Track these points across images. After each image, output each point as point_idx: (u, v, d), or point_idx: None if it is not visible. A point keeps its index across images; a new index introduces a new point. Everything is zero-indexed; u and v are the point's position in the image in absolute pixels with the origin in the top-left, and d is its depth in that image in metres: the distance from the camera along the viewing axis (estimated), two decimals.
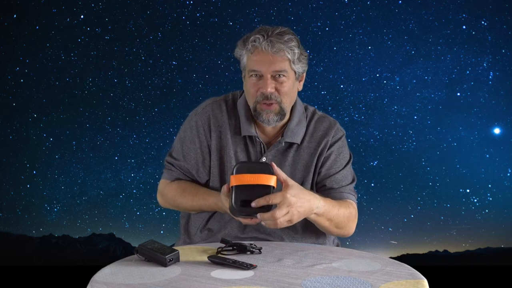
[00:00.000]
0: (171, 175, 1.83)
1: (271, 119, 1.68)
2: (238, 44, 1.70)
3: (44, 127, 6.03)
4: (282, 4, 5.76)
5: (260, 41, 1.62)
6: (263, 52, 1.62)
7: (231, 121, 1.78)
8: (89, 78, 6.00)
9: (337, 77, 5.83)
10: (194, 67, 6.04)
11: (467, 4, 5.48)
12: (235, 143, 1.77)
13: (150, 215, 6.16)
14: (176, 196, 1.79)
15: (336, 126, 1.82)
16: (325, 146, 1.78)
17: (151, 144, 6.15)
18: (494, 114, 5.57)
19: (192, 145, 1.79)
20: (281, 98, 1.67)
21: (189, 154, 1.80)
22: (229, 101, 1.82)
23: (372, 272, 1.29)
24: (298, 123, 1.78)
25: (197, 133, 1.79)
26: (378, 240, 5.83)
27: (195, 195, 1.74)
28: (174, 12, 5.88)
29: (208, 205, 1.72)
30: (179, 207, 1.82)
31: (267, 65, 1.63)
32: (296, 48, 1.65)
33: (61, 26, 5.85)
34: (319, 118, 1.82)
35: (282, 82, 1.66)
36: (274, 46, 1.61)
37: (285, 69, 1.65)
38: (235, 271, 1.30)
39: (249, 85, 1.69)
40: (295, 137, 1.76)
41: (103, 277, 1.27)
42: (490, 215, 5.62)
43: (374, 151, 5.89)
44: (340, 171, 1.79)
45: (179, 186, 1.79)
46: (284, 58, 1.64)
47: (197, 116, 1.80)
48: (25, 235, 6.17)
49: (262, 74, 1.65)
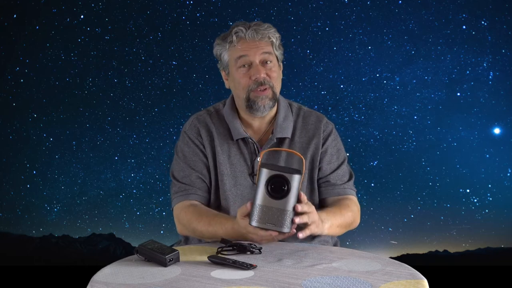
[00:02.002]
0: (186, 195, 1.77)
1: (266, 104, 1.73)
2: (217, 42, 1.77)
3: (44, 127, 6.03)
4: (282, 4, 5.76)
5: (244, 32, 1.70)
6: (249, 40, 1.71)
7: (219, 129, 1.81)
8: (89, 78, 6.00)
9: (337, 77, 5.83)
10: (194, 67, 6.04)
11: (467, 4, 5.48)
12: (228, 148, 1.79)
13: (150, 215, 6.16)
14: (192, 219, 1.70)
15: (325, 119, 1.87)
16: (319, 141, 1.81)
17: (151, 144, 6.15)
18: (494, 114, 5.57)
19: (195, 157, 1.80)
20: (272, 82, 1.73)
21: (196, 166, 1.79)
22: (212, 113, 1.86)
23: (372, 272, 1.29)
24: (285, 117, 1.82)
25: (195, 146, 1.80)
26: (378, 240, 5.83)
27: (212, 219, 1.66)
28: (174, 12, 5.88)
29: (225, 229, 1.60)
30: (195, 232, 1.71)
31: (255, 50, 1.70)
32: (277, 33, 1.76)
33: (61, 26, 5.85)
34: (305, 113, 1.87)
35: (271, 67, 1.73)
36: (259, 33, 1.70)
37: (271, 51, 1.73)
38: (235, 271, 1.30)
39: (238, 76, 1.72)
40: (284, 131, 1.79)
41: (103, 277, 1.27)
42: (490, 215, 5.62)
43: (374, 151, 5.89)
44: (340, 165, 1.84)
45: (195, 210, 1.72)
46: (268, 43, 1.73)
47: (187, 132, 1.83)
48: (25, 235, 6.17)
49: (251, 61, 1.70)
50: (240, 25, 1.71)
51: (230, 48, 1.73)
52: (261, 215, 1.38)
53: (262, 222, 1.38)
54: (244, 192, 1.78)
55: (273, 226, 1.38)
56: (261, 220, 1.38)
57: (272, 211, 1.37)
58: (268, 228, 1.38)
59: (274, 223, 1.38)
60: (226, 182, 1.78)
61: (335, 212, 1.68)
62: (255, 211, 1.38)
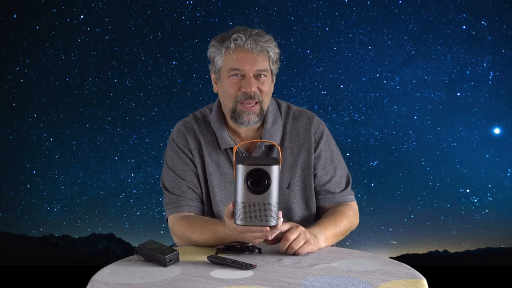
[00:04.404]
0: (178, 207, 1.72)
1: (252, 120, 1.66)
2: (214, 44, 1.68)
3: (44, 127, 6.02)
4: (282, 4, 5.75)
5: (243, 40, 1.61)
6: (247, 51, 1.61)
7: (206, 137, 1.76)
8: (89, 78, 5.99)
9: (337, 77, 5.82)
10: (194, 67, 6.03)
11: (467, 4, 5.48)
12: (217, 157, 1.74)
13: (150, 215, 6.15)
14: (185, 231, 1.66)
15: (315, 119, 1.78)
16: (310, 146, 1.75)
17: (151, 144, 6.14)
18: (494, 114, 5.57)
19: (185, 166, 1.75)
20: (262, 97, 1.66)
21: (186, 176, 1.75)
22: (199, 120, 1.79)
23: (371, 272, 1.29)
24: (273, 122, 1.75)
25: (184, 155, 1.75)
26: (378, 240, 5.83)
27: (204, 227, 1.61)
28: (174, 12, 5.88)
29: (217, 235, 1.56)
30: (192, 242, 1.65)
31: (251, 64, 1.62)
32: (277, 48, 1.67)
33: (61, 26, 5.85)
34: (295, 114, 1.79)
35: (264, 81, 1.65)
36: (259, 45, 1.61)
37: (266, 68, 1.65)
38: (235, 271, 1.30)
39: (228, 84, 1.65)
40: (272, 138, 1.72)
41: (103, 277, 1.27)
42: (490, 215, 5.61)
43: (374, 151, 5.88)
44: (336, 171, 1.78)
45: (187, 221, 1.67)
46: (265, 58, 1.64)
47: (175, 141, 1.77)
48: (25, 235, 6.16)
49: (244, 74, 1.63)
50: (241, 31, 1.62)
51: (226, 55, 1.64)
52: (245, 212, 1.34)
53: (247, 219, 1.34)
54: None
55: (259, 221, 1.34)
56: (246, 217, 1.34)
57: (256, 206, 1.33)
58: (254, 224, 1.34)
59: (260, 219, 1.34)
60: (218, 194, 1.74)
61: (329, 223, 1.63)
62: (238, 209, 1.34)
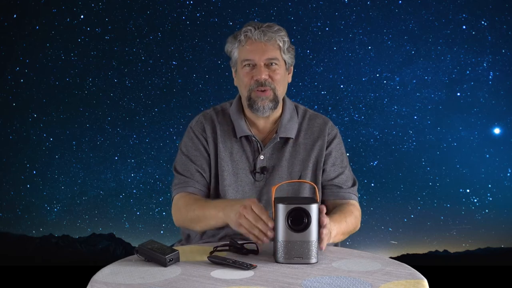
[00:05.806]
0: (185, 186, 1.80)
1: (266, 105, 1.75)
2: (229, 40, 1.80)
3: (44, 127, 6.02)
4: (282, 4, 5.76)
5: (252, 32, 1.72)
6: (256, 42, 1.73)
7: (224, 127, 1.85)
8: (89, 78, 5.99)
9: (337, 77, 5.82)
10: (194, 67, 6.03)
11: (467, 4, 5.48)
12: (230, 145, 1.83)
13: (150, 215, 6.15)
14: (188, 204, 1.73)
15: (330, 123, 1.90)
16: (323, 143, 1.84)
17: (151, 144, 6.14)
18: (494, 114, 5.57)
19: (197, 152, 1.84)
20: (274, 85, 1.75)
21: (197, 160, 1.83)
22: (219, 112, 1.90)
23: (372, 272, 1.29)
24: (290, 118, 1.84)
25: (198, 141, 1.84)
26: (378, 240, 5.83)
27: (205, 202, 1.71)
28: (174, 12, 5.88)
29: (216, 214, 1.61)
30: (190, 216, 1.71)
31: (260, 53, 1.73)
32: (286, 37, 1.77)
33: (61, 26, 5.85)
34: (311, 115, 1.90)
35: (275, 69, 1.75)
36: (266, 35, 1.72)
37: (276, 57, 1.74)
38: (235, 271, 1.30)
39: (242, 74, 1.77)
40: (288, 132, 1.82)
41: (103, 277, 1.27)
42: (490, 215, 5.61)
43: (374, 151, 5.88)
44: (344, 170, 1.86)
45: (192, 196, 1.77)
46: (275, 47, 1.74)
47: (193, 128, 1.88)
48: (25, 235, 6.16)
49: (255, 63, 1.74)
50: (251, 24, 1.74)
51: (239, 48, 1.77)
52: (287, 250, 1.36)
53: (288, 257, 1.36)
54: (245, 189, 1.80)
55: (300, 259, 1.36)
56: (287, 255, 1.36)
57: (297, 244, 1.36)
58: (296, 262, 1.36)
59: (301, 256, 1.36)
60: (227, 178, 1.80)
61: (340, 219, 1.66)
62: (280, 248, 1.37)
